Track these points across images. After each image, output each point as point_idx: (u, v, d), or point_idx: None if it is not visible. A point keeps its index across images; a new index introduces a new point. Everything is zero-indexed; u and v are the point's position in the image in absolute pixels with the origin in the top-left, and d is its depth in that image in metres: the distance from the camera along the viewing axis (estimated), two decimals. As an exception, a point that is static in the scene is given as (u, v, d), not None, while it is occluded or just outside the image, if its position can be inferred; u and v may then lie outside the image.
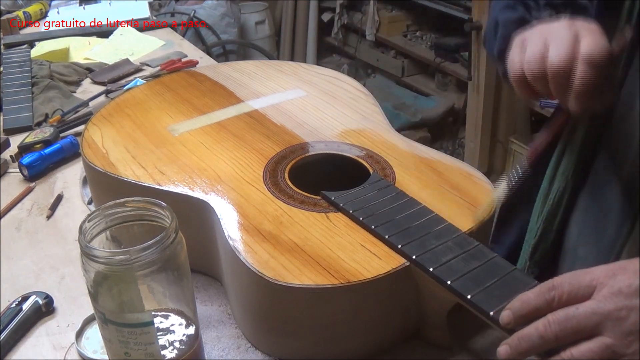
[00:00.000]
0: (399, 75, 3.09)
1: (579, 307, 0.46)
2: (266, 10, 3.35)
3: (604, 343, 0.45)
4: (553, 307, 0.47)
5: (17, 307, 0.68)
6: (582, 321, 0.45)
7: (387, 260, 0.59)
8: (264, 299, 0.60)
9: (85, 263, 0.51)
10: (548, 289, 0.48)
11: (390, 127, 0.84)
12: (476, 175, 0.73)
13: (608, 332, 0.45)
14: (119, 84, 1.28)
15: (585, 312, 0.46)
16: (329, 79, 0.99)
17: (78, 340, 0.65)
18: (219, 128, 0.84)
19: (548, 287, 0.48)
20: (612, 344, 0.44)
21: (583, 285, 0.47)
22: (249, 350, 0.64)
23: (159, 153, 0.78)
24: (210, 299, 0.71)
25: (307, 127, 0.84)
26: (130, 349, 0.53)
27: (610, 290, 0.46)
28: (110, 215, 0.55)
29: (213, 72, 1.03)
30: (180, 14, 2.78)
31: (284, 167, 0.74)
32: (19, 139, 1.05)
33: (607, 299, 0.46)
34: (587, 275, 0.48)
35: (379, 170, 0.73)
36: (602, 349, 0.45)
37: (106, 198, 0.61)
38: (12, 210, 0.90)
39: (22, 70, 1.32)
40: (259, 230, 0.63)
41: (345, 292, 0.57)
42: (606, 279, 0.47)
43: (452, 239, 0.60)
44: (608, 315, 0.45)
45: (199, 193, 0.70)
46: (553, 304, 0.47)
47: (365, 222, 0.63)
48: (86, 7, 1.81)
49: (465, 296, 0.53)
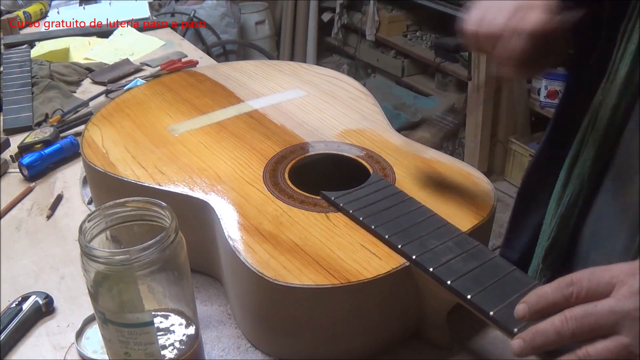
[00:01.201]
0: (399, 75, 3.09)
1: (598, 304, 0.45)
2: (266, 10, 3.35)
3: (621, 342, 0.44)
4: (571, 303, 0.46)
5: (17, 307, 0.68)
6: (600, 319, 0.45)
7: (387, 260, 0.59)
8: (264, 299, 0.60)
9: (85, 263, 0.51)
10: (567, 284, 0.47)
11: (390, 127, 0.84)
12: (476, 175, 0.73)
13: (626, 332, 0.44)
14: (119, 84, 1.28)
15: (604, 310, 0.45)
16: (329, 79, 0.99)
17: (78, 340, 0.65)
18: (219, 128, 0.84)
19: (567, 282, 0.47)
20: (630, 343, 0.44)
21: (603, 282, 0.46)
22: (249, 350, 0.64)
23: (159, 153, 0.78)
24: (210, 299, 0.71)
25: (307, 127, 0.84)
26: (130, 349, 0.53)
27: (631, 289, 0.45)
28: (110, 215, 0.55)
29: (213, 72, 1.03)
30: (180, 14, 2.78)
31: (284, 167, 0.74)
32: (19, 139, 1.05)
33: (627, 298, 0.45)
34: (606, 273, 0.47)
35: (379, 170, 0.73)
36: (619, 348, 0.44)
37: (106, 198, 0.61)
38: (12, 210, 0.90)
39: (22, 70, 1.32)
40: (259, 230, 0.63)
41: (345, 292, 0.57)
42: (626, 278, 0.46)
43: (452, 239, 0.60)
44: (627, 315, 0.44)
45: (199, 193, 0.70)
46: (571, 300, 0.46)
47: (365, 222, 0.63)
48: (86, 7, 1.81)
49: (465, 296, 0.53)
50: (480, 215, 0.66)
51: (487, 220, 0.65)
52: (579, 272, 0.48)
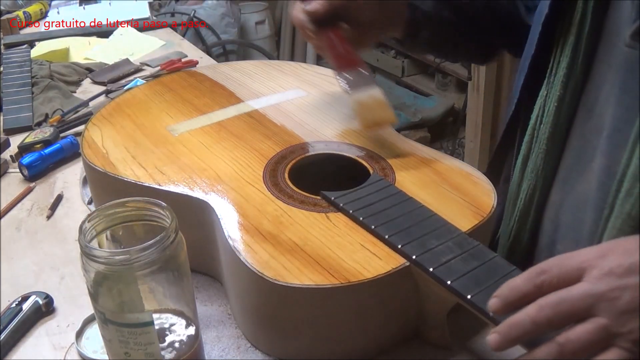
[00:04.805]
0: (399, 75, 3.09)
1: (572, 289, 0.46)
2: (266, 10, 3.35)
3: (600, 324, 0.45)
4: (543, 292, 0.47)
5: (17, 307, 0.68)
6: (575, 303, 0.45)
7: (387, 260, 0.59)
8: (264, 299, 0.60)
9: (85, 263, 0.51)
10: (537, 274, 0.48)
11: (390, 127, 0.84)
12: (476, 175, 0.73)
13: (602, 313, 0.45)
14: (119, 84, 1.28)
15: (579, 294, 0.45)
16: (329, 79, 0.99)
17: (78, 340, 0.65)
18: (219, 128, 0.84)
19: (537, 271, 0.48)
20: (607, 324, 0.44)
21: (572, 268, 0.47)
22: (249, 350, 0.64)
23: (159, 153, 0.78)
24: (210, 299, 0.71)
25: (307, 127, 0.84)
26: (130, 349, 0.53)
27: (601, 271, 0.46)
28: (110, 215, 0.55)
29: (213, 72, 1.03)
30: (180, 14, 2.78)
31: (284, 167, 0.74)
32: (19, 139, 1.05)
33: (599, 280, 0.45)
34: (575, 258, 0.47)
35: (379, 170, 0.73)
36: (599, 329, 0.45)
37: (106, 198, 0.61)
38: (12, 210, 0.90)
39: (22, 70, 1.32)
40: (259, 230, 0.63)
41: (345, 292, 0.57)
42: (596, 260, 0.46)
43: (452, 239, 0.60)
44: (601, 297, 0.45)
45: (199, 193, 0.70)
46: (543, 289, 0.47)
47: (365, 222, 0.63)
48: (86, 7, 1.80)
49: (465, 296, 0.53)
50: (480, 215, 0.66)
51: (487, 220, 0.65)
52: (548, 260, 0.48)
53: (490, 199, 0.68)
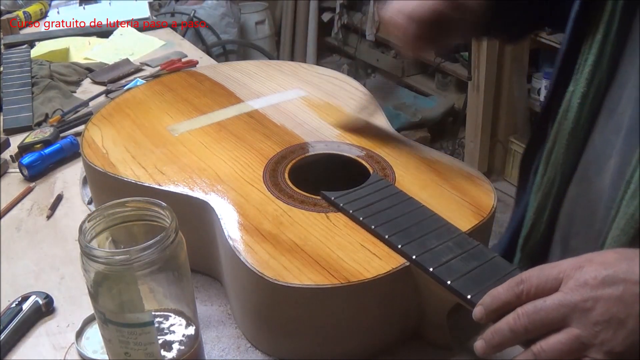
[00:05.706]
0: (399, 75, 3.09)
1: (547, 299, 0.47)
2: (266, 10, 3.35)
3: (573, 334, 0.45)
4: (522, 301, 0.48)
5: (17, 307, 0.68)
6: (549, 313, 0.46)
7: (387, 260, 0.59)
8: (264, 299, 0.60)
9: (85, 263, 0.51)
10: (517, 283, 0.49)
11: (390, 127, 0.84)
12: (476, 175, 0.73)
13: (575, 323, 0.46)
14: (119, 84, 1.28)
15: (553, 304, 0.46)
16: (329, 79, 0.99)
17: (78, 340, 0.65)
18: (219, 128, 0.84)
19: (517, 281, 0.49)
20: (580, 334, 0.45)
21: (550, 278, 0.48)
22: (249, 350, 0.64)
23: (159, 153, 0.78)
24: (210, 299, 0.71)
25: (307, 127, 0.84)
26: (130, 349, 0.53)
27: (577, 282, 0.47)
28: (110, 215, 0.55)
29: (213, 72, 1.03)
30: (180, 14, 2.78)
31: (284, 167, 0.74)
32: (19, 139, 1.05)
33: (574, 290, 0.46)
34: (554, 269, 0.48)
35: (379, 170, 0.73)
36: (571, 340, 0.45)
37: (106, 198, 0.61)
38: (12, 210, 0.90)
39: (22, 70, 1.32)
40: (259, 230, 0.63)
41: (345, 292, 0.57)
42: (572, 271, 0.47)
43: (452, 239, 0.60)
44: (575, 307, 0.46)
45: (199, 193, 0.70)
46: (522, 298, 0.48)
47: (365, 222, 0.63)
48: (86, 7, 1.80)
49: (465, 296, 0.53)
50: (480, 215, 0.66)
51: (487, 220, 0.65)
52: (529, 270, 0.50)
53: (490, 199, 0.68)
